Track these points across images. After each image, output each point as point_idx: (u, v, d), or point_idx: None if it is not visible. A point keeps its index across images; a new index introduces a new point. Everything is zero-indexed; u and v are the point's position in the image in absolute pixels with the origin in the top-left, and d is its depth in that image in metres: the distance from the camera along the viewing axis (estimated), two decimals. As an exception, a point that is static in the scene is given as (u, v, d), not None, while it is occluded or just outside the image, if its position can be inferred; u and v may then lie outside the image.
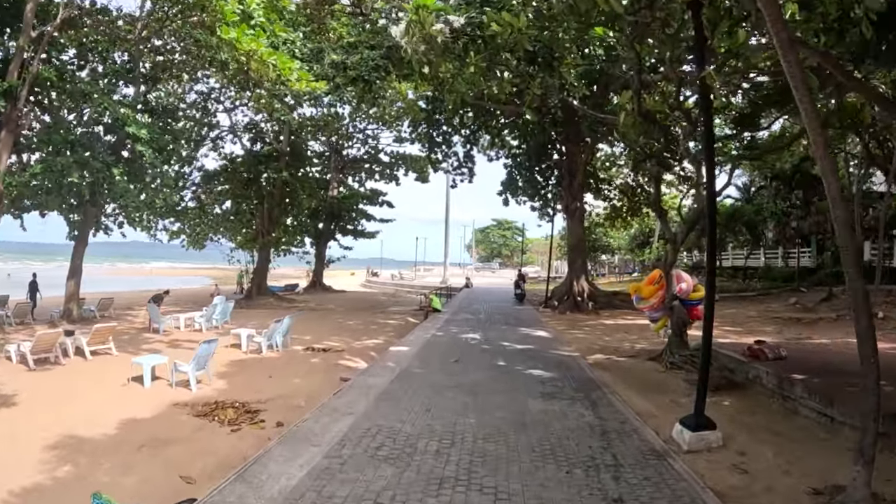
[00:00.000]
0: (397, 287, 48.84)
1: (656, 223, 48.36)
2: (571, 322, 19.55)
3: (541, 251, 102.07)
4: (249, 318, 23.80)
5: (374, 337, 18.27)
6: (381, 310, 28.62)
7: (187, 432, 8.49)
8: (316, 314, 26.08)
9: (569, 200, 25.71)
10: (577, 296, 23.80)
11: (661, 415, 7.92)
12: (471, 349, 12.76)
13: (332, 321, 22.80)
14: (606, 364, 11.54)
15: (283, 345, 16.18)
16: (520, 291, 28.52)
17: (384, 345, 16.29)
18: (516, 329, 16.93)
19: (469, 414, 7.45)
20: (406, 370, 10.21)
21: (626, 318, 20.60)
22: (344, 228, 45.24)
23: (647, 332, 16.47)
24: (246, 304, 31.94)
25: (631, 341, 14.81)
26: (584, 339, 15.09)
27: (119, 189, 20.68)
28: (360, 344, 16.97)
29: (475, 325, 17.68)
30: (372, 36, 20.59)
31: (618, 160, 34.95)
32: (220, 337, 16.58)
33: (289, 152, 34.78)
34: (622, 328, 17.66)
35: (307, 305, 31.98)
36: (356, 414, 7.42)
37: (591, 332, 16.90)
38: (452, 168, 30.55)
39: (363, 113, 43.46)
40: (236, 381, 12.14)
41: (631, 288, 12.33)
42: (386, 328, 20.77)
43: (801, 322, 18.15)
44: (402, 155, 44.05)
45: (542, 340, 14.61)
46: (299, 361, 14.43)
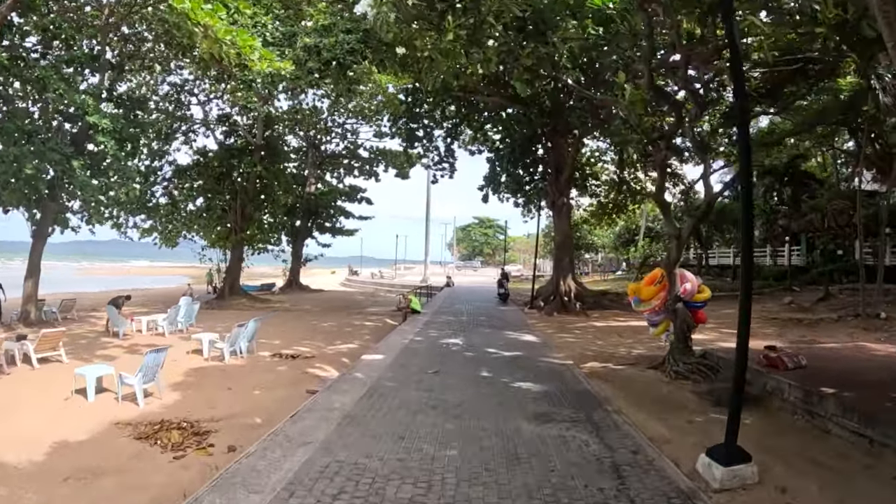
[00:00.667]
0: (377, 286, 47.39)
1: (642, 220, 47.72)
2: (559, 324, 18.37)
3: (523, 249, 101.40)
4: (219, 321, 22.40)
5: (349, 341, 16.93)
6: (358, 310, 27.21)
7: (123, 460, 7.15)
8: (290, 315, 24.65)
9: (555, 196, 24.58)
10: (564, 296, 22.65)
11: (677, 439, 6.72)
12: (452, 357, 11.47)
13: (305, 323, 21.40)
14: (604, 374, 10.33)
15: (249, 351, 14.89)
16: (503, 291, 27.31)
17: (359, 350, 15.00)
18: (501, 333, 15.70)
19: (450, 443, 6.16)
20: (378, 384, 8.90)
21: (617, 319, 19.49)
22: (322, 226, 43.74)
23: (642, 335, 15.34)
24: (217, 304, 30.45)
25: (627, 346, 13.64)
26: (576, 344, 13.89)
27: (78, 182, 19.49)
28: (333, 349, 15.64)
29: (457, 328, 16.41)
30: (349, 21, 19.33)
31: (604, 155, 34.11)
32: (183, 342, 15.26)
33: (264, 146, 33.21)
34: (615, 331, 16.52)
35: (282, 306, 30.52)
36: (314, 444, 6.12)
37: (582, 335, 15.71)
38: (433, 163, 29.31)
39: (342, 107, 42.27)
40: (191, 394, 10.82)
41: (629, 289, 11.16)
42: (362, 331, 19.41)
43: (802, 323, 17.18)
44: (382, 150, 42.82)
45: (531, 346, 13.38)
46: (264, 370, 13.10)
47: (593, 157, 33.43)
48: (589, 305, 22.41)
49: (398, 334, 14.93)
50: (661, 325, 11.25)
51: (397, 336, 14.53)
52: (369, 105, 40.65)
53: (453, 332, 15.59)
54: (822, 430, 7.28)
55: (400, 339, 13.80)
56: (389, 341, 13.62)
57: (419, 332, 15.46)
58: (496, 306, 25.00)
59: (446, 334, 14.99)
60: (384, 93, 38.39)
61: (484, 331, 15.95)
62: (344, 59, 17.36)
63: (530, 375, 9.67)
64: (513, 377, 9.51)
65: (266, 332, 18.03)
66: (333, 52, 18.29)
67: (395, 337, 14.29)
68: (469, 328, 16.58)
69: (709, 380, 9.96)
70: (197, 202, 33.34)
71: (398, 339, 13.99)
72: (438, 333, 15.17)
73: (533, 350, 12.65)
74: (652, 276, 11.24)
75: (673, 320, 10.81)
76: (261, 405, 9.76)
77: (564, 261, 24.28)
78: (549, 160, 25.14)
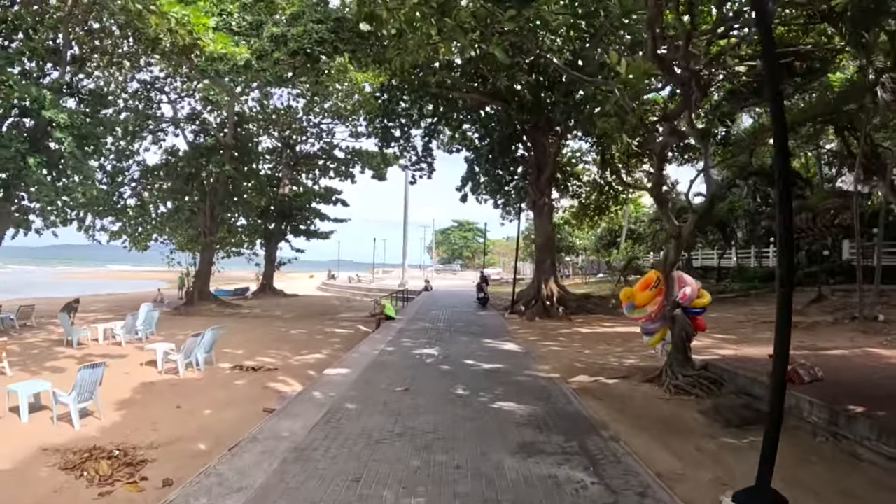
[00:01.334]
0: (354, 290, 46.02)
1: (624, 222, 46.95)
2: (542, 331, 17.27)
3: (502, 252, 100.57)
4: (184, 328, 21.09)
5: (318, 350, 15.70)
6: (331, 316, 25.91)
7: (40, 495, 6.09)
8: (259, 322, 23.30)
9: (536, 196, 23.54)
10: (545, 300, 21.60)
11: (690, 474, 5.63)
12: (425, 371, 10.26)
13: (273, 331, 20.11)
14: (595, 390, 9.22)
15: (207, 363, 13.72)
16: (483, 295, 26.19)
17: (327, 360, 13.79)
18: (480, 341, 14.53)
19: (417, 488, 4.97)
20: (337, 407, 7.66)
21: (602, 325, 18.47)
22: (296, 228, 42.30)
23: (632, 342, 14.33)
24: (186, 310, 29.01)
25: (617, 355, 12.57)
26: (562, 354, 12.77)
27: (32, 181, 18.39)
28: (300, 360, 14.42)
29: (433, 337, 15.21)
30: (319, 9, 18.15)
31: (585, 156, 33.33)
32: (139, 352, 14.32)
33: (234, 145, 31.75)
34: (602, 338, 15.46)
35: (252, 312, 29.13)
36: (249, 491, 4.90)
37: (568, 343, 14.60)
38: (411, 163, 28.12)
39: (317, 106, 40.98)
40: (135, 413, 9.68)
41: (622, 294, 10.09)
42: (332, 339, 18.17)
43: (798, 327, 16.26)
44: (358, 151, 41.60)
45: (513, 356, 12.23)
46: (221, 385, 11.88)
47: (574, 157, 32.64)
48: (572, 310, 21.40)
49: (368, 344, 13.69)
50: (658, 334, 10.20)
51: (367, 346, 13.28)
52: (345, 105, 39.55)
53: (428, 340, 14.40)
54: (851, 455, 6.28)
55: (370, 350, 12.56)
56: (357, 353, 12.37)
57: (392, 341, 14.24)
58: (475, 311, 23.86)
59: (421, 344, 13.78)
60: (361, 91, 37.39)
61: (461, 339, 14.77)
62: (312, 50, 16.14)
63: (512, 393, 8.51)
64: (493, 395, 8.33)
65: (230, 341, 16.84)
66: (301, 41, 17.10)
67: (364, 347, 13.04)
68: (446, 336, 15.40)
69: (712, 395, 8.93)
70: (168, 204, 31.99)
71: (368, 349, 12.74)
72: (412, 343, 13.96)
73: (515, 361, 11.50)
74: (647, 279, 10.19)
75: (671, 328, 9.77)
76: (210, 427, 8.67)
77: (546, 263, 23.23)
78: (530, 159, 24.12)
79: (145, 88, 30.53)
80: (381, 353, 12.12)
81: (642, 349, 13.33)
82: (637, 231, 50.19)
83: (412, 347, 13.06)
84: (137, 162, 31.60)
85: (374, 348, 12.82)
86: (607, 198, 32.49)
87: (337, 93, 39.00)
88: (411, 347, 13.05)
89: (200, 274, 31.34)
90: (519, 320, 20.22)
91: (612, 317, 20.65)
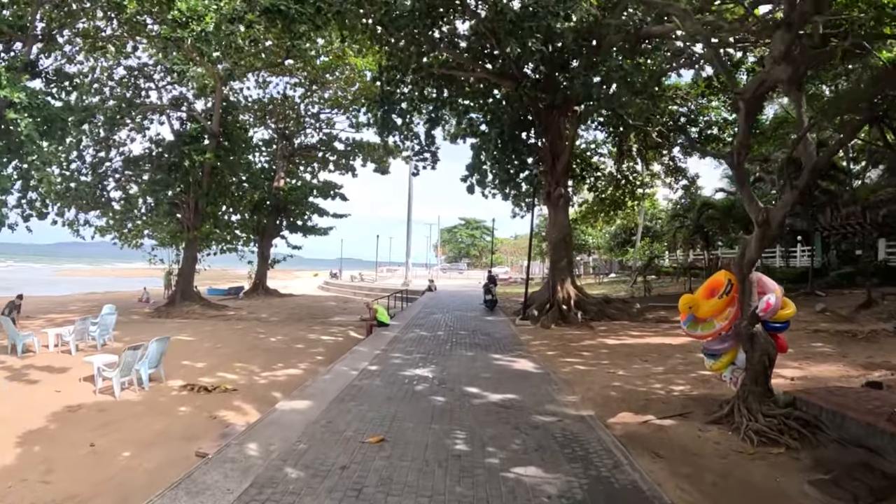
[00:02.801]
0: (356, 290, 43.48)
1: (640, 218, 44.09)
2: (561, 341, 14.61)
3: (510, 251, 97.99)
4: (155, 332, 18.75)
5: (294, 364, 13.23)
6: (321, 320, 23.41)
7: None
8: (239, 326, 20.85)
9: (551, 186, 20.91)
10: (562, 304, 18.96)
11: None
12: (413, 406, 7.65)
13: (250, 338, 17.65)
14: (648, 438, 6.60)
15: (155, 379, 11.48)
16: (490, 298, 23.57)
17: (301, 377, 11.34)
18: (487, 356, 11.92)
19: None
20: (270, 475, 5.07)
21: (630, 334, 15.80)
22: (293, 224, 39.82)
23: (672, 359, 11.76)
24: (166, 311, 26.64)
25: (658, 377, 9.93)
26: (590, 377, 10.13)
27: None
28: (268, 377, 11.96)
29: (430, 350, 12.62)
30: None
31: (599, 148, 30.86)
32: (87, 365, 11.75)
33: (220, 133, 29.31)
34: (633, 352, 12.81)
35: (237, 314, 26.68)
36: None
37: (594, 359, 11.95)
38: (413, 153, 25.62)
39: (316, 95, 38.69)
40: (33, 454, 7.69)
41: (682, 303, 7.45)
42: (315, 348, 15.68)
43: (857, 338, 13.73)
44: (359, 142, 39.16)
45: (529, 380, 9.58)
46: (160, 411, 9.53)
47: (589, 149, 30.15)
48: (592, 315, 18.76)
49: (349, 360, 11.11)
50: (725, 357, 7.60)
51: (346, 363, 10.70)
52: (346, 94, 37.25)
53: (424, 355, 11.80)
54: None
55: (348, 370, 9.99)
56: (332, 373, 9.80)
57: (379, 356, 11.66)
58: (482, 316, 21.26)
59: (413, 360, 11.19)
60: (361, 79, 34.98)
61: (464, 353, 12.16)
62: (287, 7, 13.60)
63: (534, 447, 5.89)
64: (507, 453, 5.72)
65: (196, 350, 15.03)
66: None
67: (342, 366, 10.46)
68: (445, 349, 12.81)
69: (807, 444, 6.36)
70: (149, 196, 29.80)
71: (346, 368, 10.17)
72: (403, 359, 11.37)
73: (532, 388, 8.87)
74: (713, 283, 7.59)
75: (747, 350, 7.17)
76: (119, 480, 6.62)
77: (562, 262, 20.59)
78: (544, 146, 21.46)
79: (132, 75, 28.56)
80: (362, 375, 9.54)
81: (687, 367, 10.74)
82: (653, 229, 47.55)
83: (402, 366, 10.47)
84: (120, 152, 29.56)
85: (355, 367, 10.25)
86: (623, 192, 30.11)
87: (337, 81, 36.81)
88: (401, 366, 10.46)
89: (184, 272, 28.91)
90: (532, 327, 17.58)
91: (639, 324, 18.05)
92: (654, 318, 19.12)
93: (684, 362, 11.36)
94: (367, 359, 11.05)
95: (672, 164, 29.81)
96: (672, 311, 21.52)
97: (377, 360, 11.03)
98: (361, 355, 11.55)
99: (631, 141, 28.06)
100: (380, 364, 10.56)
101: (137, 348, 11.01)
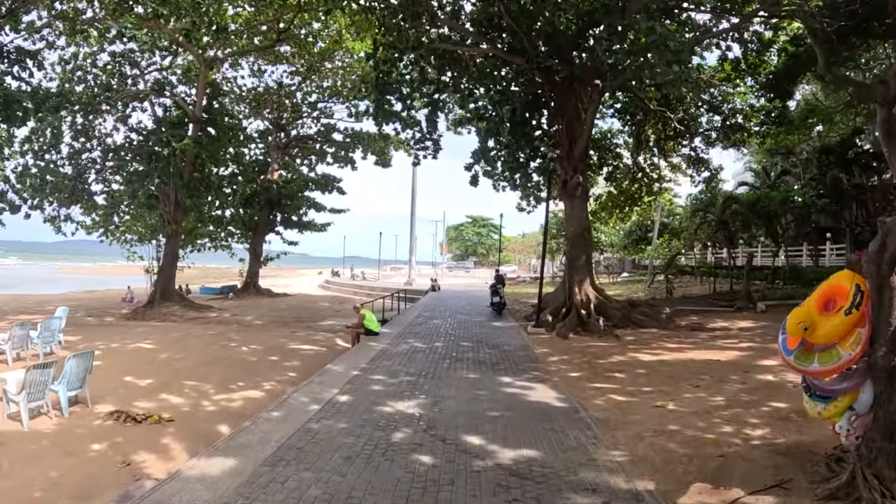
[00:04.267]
0: (357, 289, 41.04)
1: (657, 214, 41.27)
2: (584, 357, 12.01)
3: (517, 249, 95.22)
4: (125, 337, 16.59)
5: (259, 383, 10.80)
6: (309, 324, 20.98)
7: None
8: (212, 332, 18.44)
9: (567, 174, 18.33)
10: (581, 308, 16.41)
11: None
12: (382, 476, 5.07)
13: (218, 347, 15.27)
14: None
15: (81, 402, 9.22)
16: (498, 300, 21.00)
17: (262, 402, 8.95)
18: (495, 380, 9.37)
19: None
20: None
21: (665, 346, 13.16)
22: (287, 219, 37.42)
23: (727, 378, 9.26)
24: (143, 313, 24.38)
25: (724, 414, 7.35)
26: (634, 413, 7.51)
27: None
28: (222, 400, 9.59)
29: (423, 370, 10.10)
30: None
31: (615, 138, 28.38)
32: None
33: (204, 119, 26.99)
34: (677, 370, 10.24)
35: (220, 316, 24.36)
36: None
37: (632, 384, 9.32)
38: (414, 141, 23.18)
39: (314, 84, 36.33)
40: None
41: (792, 321, 4.88)
42: (291, 361, 13.26)
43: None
44: (358, 133, 36.75)
45: (552, 424, 6.95)
46: (65, 451, 7.34)
47: (604, 139, 27.67)
48: (615, 322, 16.19)
49: (316, 385, 8.60)
50: (845, 399, 5.04)
51: (310, 391, 8.19)
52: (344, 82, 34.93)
53: (414, 378, 9.29)
54: None
55: (308, 403, 7.49)
56: (284, 408, 7.32)
57: (357, 377, 9.18)
58: (489, 321, 18.75)
59: (399, 386, 8.69)
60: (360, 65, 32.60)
61: (465, 376, 9.62)
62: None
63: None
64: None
65: (146, 363, 12.74)
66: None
67: (303, 395, 7.94)
68: (441, 369, 10.29)
69: None
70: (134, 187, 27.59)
71: (306, 400, 7.66)
72: (386, 383, 8.86)
73: (559, 437, 6.32)
74: (832, 289, 5.06)
75: (881, 390, 4.66)
76: None
77: (580, 260, 18.01)
78: (560, 130, 18.87)
79: (116, 61, 26.58)
80: (324, 411, 7.05)
81: (753, 397, 8.21)
82: (670, 225, 44.90)
83: (381, 396, 7.96)
84: (101, 142, 27.34)
85: (319, 396, 7.77)
86: (640, 186, 27.65)
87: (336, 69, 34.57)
88: (380, 396, 7.95)
89: (164, 270, 26.58)
90: (547, 337, 14.97)
91: (670, 332, 15.45)
92: (688, 324, 16.51)
93: (746, 388, 8.83)
94: (338, 384, 8.55)
95: (694, 155, 27.38)
96: (705, 315, 18.97)
97: (351, 385, 8.54)
98: (333, 378, 9.07)
99: (649, 131, 25.63)
100: (353, 392, 8.07)
101: (49, 366, 8.67)
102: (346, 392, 8.07)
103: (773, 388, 8.87)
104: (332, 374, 9.43)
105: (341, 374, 9.29)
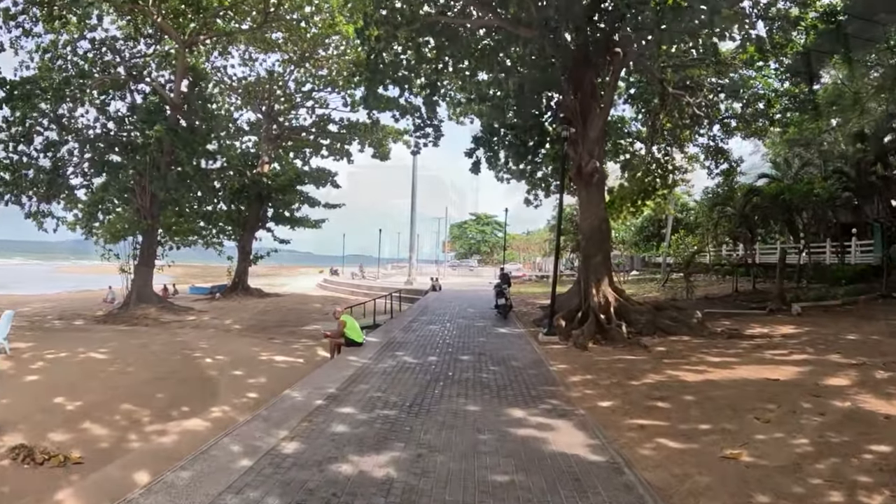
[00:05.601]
0: (354, 289, 38.89)
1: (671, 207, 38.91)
2: (612, 375, 9.74)
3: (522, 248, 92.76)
4: (77, 343, 14.66)
5: (207, 409, 8.72)
6: (291, 329, 18.82)
7: None
8: (178, 339, 16.31)
9: (581, 160, 16.09)
10: (599, 312, 14.17)
11: None
12: None
13: (178, 358, 13.21)
14: None
15: None
16: (504, 301, 18.75)
17: (203, 436, 6.82)
18: (502, 416, 7.06)
19: None
20: None
21: (706, 360, 10.84)
22: (279, 215, 35.21)
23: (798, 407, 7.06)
24: (114, 317, 22.38)
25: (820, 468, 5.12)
26: (702, 475, 5.23)
27: None
28: (155, 432, 7.63)
29: (407, 398, 7.84)
30: None
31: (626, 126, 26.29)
32: None
33: (183, 106, 24.89)
34: (730, 395, 7.95)
35: (198, 319, 22.26)
36: None
37: (682, 418, 7.04)
38: (413, 128, 21.16)
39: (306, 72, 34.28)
40: None
41: None
42: (256, 378, 11.10)
43: None
44: (354, 123, 34.67)
45: (585, 493, 4.76)
46: None
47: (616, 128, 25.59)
48: (640, 328, 13.95)
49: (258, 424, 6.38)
50: None
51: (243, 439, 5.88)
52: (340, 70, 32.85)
53: (394, 414, 7.03)
54: None
55: (237, 456, 5.27)
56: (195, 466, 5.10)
57: (317, 411, 6.95)
58: (493, 326, 16.51)
59: (371, 426, 6.43)
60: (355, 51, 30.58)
61: (462, 407, 7.37)
62: None
63: None
64: None
65: (88, 377, 10.76)
66: None
67: (234, 442, 5.72)
68: (433, 395, 8.06)
69: None
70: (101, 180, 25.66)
71: (236, 450, 5.44)
72: (355, 421, 6.60)
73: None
74: None
75: None
76: None
77: (596, 258, 15.76)
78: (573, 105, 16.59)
79: (95, 48, 24.89)
80: (255, 470, 4.84)
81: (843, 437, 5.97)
82: (684, 221, 42.54)
83: (343, 443, 5.72)
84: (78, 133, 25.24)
85: (257, 443, 5.55)
86: (654, 178, 25.55)
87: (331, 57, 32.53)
88: (341, 443, 5.72)
89: (139, 269, 24.45)
90: (563, 348, 12.66)
91: (705, 340, 13.17)
92: (723, 331, 14.22)
93: (828, 423, 6.61)
94: (290, 421, 6.34)
95: (713, 145, 25.41)
96: (737, 319, 16.74)
97: (308, 424, 6.31)
98: (287, 410, 6.84)
99: (664, 118, 23.54)
100: (306, 437, 5.84)
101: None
102: (298, 436, 5.85)
103: (860, 420, 6.67)
104: (287, 403, 7.21)
105: (299, 406, 7.07)
